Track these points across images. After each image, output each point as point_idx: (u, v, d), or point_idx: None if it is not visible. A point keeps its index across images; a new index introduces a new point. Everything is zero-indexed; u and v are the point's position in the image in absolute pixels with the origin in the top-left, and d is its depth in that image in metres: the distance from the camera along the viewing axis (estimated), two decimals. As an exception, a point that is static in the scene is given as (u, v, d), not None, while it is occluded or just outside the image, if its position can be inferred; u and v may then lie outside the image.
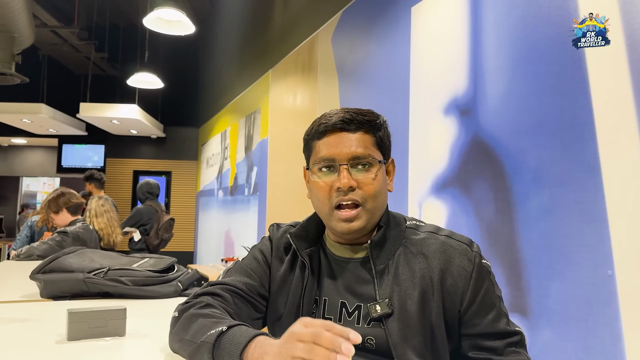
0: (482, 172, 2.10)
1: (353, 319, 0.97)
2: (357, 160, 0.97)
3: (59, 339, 0.99)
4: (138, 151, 9.05)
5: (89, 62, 7.76)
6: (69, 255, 1.60)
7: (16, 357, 0.89)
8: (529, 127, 1.86)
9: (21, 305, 1.41)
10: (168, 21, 4.18)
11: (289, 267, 1.05)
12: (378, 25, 2.92)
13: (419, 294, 0.94)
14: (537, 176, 1.82)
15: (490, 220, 2.03)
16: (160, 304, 1.44)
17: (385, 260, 0.98)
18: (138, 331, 1.07)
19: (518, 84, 1.93)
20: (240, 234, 5.54)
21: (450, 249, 0.97)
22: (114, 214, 3.63)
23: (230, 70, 6.57)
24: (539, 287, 1.76)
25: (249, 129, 5.41)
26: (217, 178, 6.98)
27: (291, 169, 4.08)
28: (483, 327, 0.95)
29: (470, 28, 2.19)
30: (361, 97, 3.03)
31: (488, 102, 2.08)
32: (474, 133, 2.16)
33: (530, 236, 1.83)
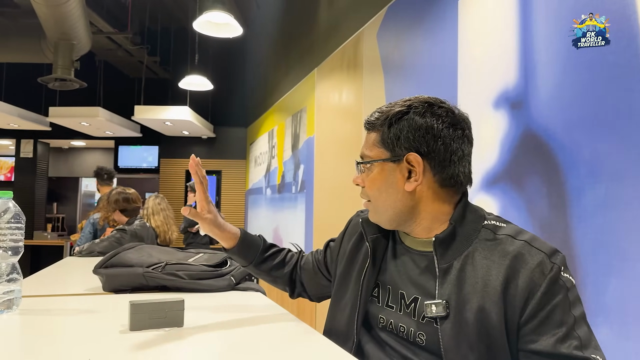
0: (534, 166, 2.05)
1: (410, 311, 0.97)
2: (360, 160, 1.04)
3: (122, 329, 1.05)
4: (190, 151, 9.29)
5: (142, 66, 8.04)
6: (128, 250, 1.69)
7: (85, 344, 0.96)
8: (584, 119, 1.80)
9: (86, 297, 1.50)
10: (217, 24, 4.29)
11: (355, 246, 1.13)
12: (424, 19, 2.90)
13: (478, 303, 0.88)
14: (592, 170, 1.76)
15: (543, 216, 1.98)
16: (214, 297, 1.49)
17: (450, 260, 0.93)
18: (195, 322, 1.12)
19: (571, 75, 1.87)
20: (289, 231, 5.61)
21: (525, 256, 0.89)
22: (169, 212, 3.76)
23: (277, 70, 6.66)
24: (596, 284, 1.70)
25: (295, 128, 5.47)
26: (265, 176, 7.09)
27: (337, 166, 4.10)
28: (541, 346, 0.84)
29: (520, 18, 2.14)
30: (407, 92, 3.01)
31: (540, 95, 2.03)
32: (525, 126, 2.11)
33: (585, 232, 1.77)
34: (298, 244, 4.99)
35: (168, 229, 3.75)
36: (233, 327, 1.12)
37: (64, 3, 4.73)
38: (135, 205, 3.28)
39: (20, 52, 6.37)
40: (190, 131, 8.65)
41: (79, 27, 5.42)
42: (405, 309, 0.98)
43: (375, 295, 1.04)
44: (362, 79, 3.68)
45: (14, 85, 8.33)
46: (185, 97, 7.62)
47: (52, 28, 5.26)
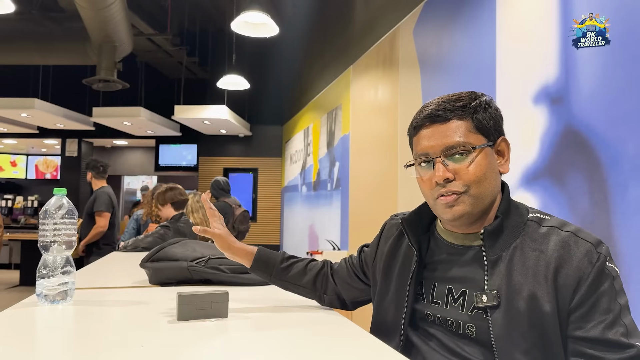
0: (575, 162, 2.02)
1: (458, 305, 0.99)
2: (451, 150, 0.97)
3: (170, 319, 1.10)
4: (227, 149, 9.47)
5: (182, 66, 8.23)
6: (173, 245, 1.75)
7: (137, 333, 1.01)
8: (627, 114, 1.76)
9: (134, 290, 1.56)
10: (254, 24, 4.35)
11: (393, 249, 1.13)
12: (462, 15, 2.87)
13: (529, 292, 0.91)
14: (636, 166, 1.72)
15: (585, 213, 1.95)
16: (255, 290, 1.54)
17: (499, 252, 0.96)
18: (239, 313, 1.16)
19: (613, 69, 1.83)
20: (324, 228, 5.65)
21: (572, 246, 0.92)
22: (207, 209, 3.85)
23: (312, 69, 6.70)
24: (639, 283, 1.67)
25: (330, 125, 5.50)
26: (300, 174, 7.15)
27: (373, 163, 4.11)
28: (589, 332, 0.87)
29: (560, 11, 2.10)
30: (445, 89, 2.99)
31: (581, 90, 1.99)
32: (566, 122, 2.08)
33: (629, 230, 1.74)
34: (334, 241, 5.02)
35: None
36: (275, 319, 1.15)
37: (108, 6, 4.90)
38: (184, 198, 3.39)
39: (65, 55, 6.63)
40: (228, 130, 8.80)
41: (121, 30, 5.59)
42: (453, 303, 0.99)
43: (419, 293, 1.06)
44: (398, 75, 3.67)
45: (59, 86, 8.66)
46: (223, 97, 7.76)
47: (96, 31, 5.45)
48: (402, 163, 3.48)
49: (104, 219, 4.64)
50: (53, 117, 7.89)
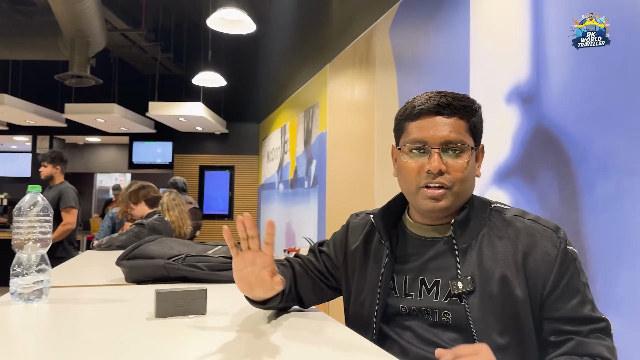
0: (546, 160, 2.08)
1: (432, 294, 1.02)
2: (449, 145, 1.00)
3: (148, 316, 1.10)
4: (203, 147, 9.40)
5: (156, 62, 8.13)
6: (150, 243, 1.74)
7: (115, 330, 1.01)
8: (595, 114, 1.82)
9: (110, 288, 1.55)
10: (230, 21, 4.33)
11: (363, 245, 1.14)
12: (436, 15, 2.92)
13: (501, 275, 0.96)
14: (603, 164, 1.78)
15: (554, 209, 2.00)
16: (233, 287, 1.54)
17: (468, 240, 1.01)
18: (217, 310, 1.17)
19: (583, 70, 1.89)
20: (302, 226, 5.67)
21: (536, 233, 0.98)
22: (184, 207, 3.83)
23: (289, 66, 6.70)
24: (607, 276, 1.73)
25: (307, 123, 5.51)
26: (277, 172, 7.15)
27: (350, 161, 4.14)
28: (566, 312, 0.95)
29: (531, 13, 2.16)
30: (420, 88, 3.04)
31: (552, 90, 2.05)
32: (537, 121, 2.13)
33: (597, 225, 1.80)
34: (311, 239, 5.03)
35: (183, 224, 3.81)
36: (253, 315, 1.17)
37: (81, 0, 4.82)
38: (157, 196, 3.35)
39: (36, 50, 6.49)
40: (204, 127, 8.73)
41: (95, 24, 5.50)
42: (427, 293, 1.03)
43: (391, 287, 1.08)
44: (375, 74, 3.71)
45: (30, 82, 8.47)
46: (199, 94, 7.69)
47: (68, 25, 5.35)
48: (379, 161, 3.51)
49: (72, 215, 4.45)
50: (23, 113, 7.71)
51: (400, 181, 1.08)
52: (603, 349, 0.92)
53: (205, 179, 9.48)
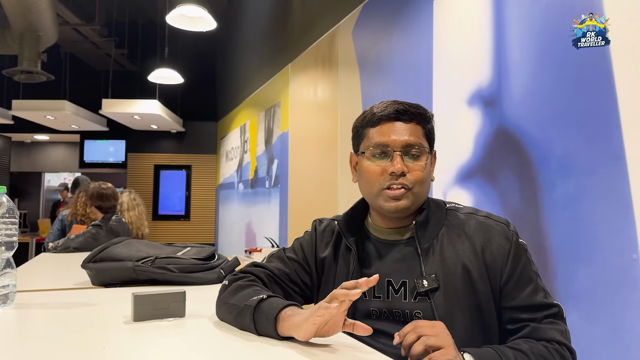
0: (507, 161, 2.15)
1: (400, 295, 1.05)
2: (409, 148, 1.06)
3: (125, 320, 1.08)
4: (158, 146, 9.20)
5: (110, 58, 7.89)
6: (117, 245, 1.70)
7: (95, 335, 0.98)
8: (554, 116, 1.91)
9: (77, 292, 1.51)
10: (190, 18, 4.26)
11: (332, 252, 1.15)
12: (399, 18, 2.97)
13: (462, 270, 1.02)
14: (562, 165, 1.87)
15: (515, 209, 2.08)
16: (209, 289, 1.52)
17: (429, 240, 1.06)
18: (196, 312, 1.15)
19: (542, 74, 1.97)
20: (263, 226, 5.64)
21: (490, 228, 1.05)
22: (142, 208, 3.75)
23: (250, 64, 6.65)
24: (566, 272, 1.81)
25: (269, 123, 5.49)
26: (237, 171, 7.08)
27: (313, 161, 4.15)
28: (521, 300, 1.01)
29: (493, 19, 2.23)
30: (383, 90, 3.08)
31: (512, 93, 2.13)
32: (498, 123, 2.21)
33: (556, 224, 1.88)
34: (272, 239, 5.00)
35: (141, 225, 3.73)
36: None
37: (31, -7, 4.62)
38: (112, 204, 3.24)
39: (-19, 43, 6.17)
40: (159, 125, 8.55)
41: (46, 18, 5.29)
42: (394, 294, 1.06)
43: None
44: (338, 75, 3.73)
45: (-27, 77, 8.05)
46: (154, 91, 7.52)
47: (17, 18, 5.12)
48: (343, 161, 3.54)
49: None
50: (-34, 110, 7.33)
51: (362, 185, 1.12)
52: (557, 333, 0.99)
53: (161, 179, 9.29)
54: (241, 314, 0.99)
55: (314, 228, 1.22)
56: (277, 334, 0.93)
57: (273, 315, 0.93)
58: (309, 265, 1.18)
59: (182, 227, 9.14)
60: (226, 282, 1.12)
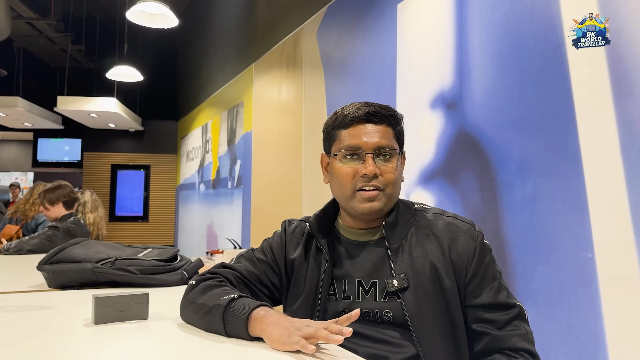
0: (468, 163, 2.20)
1: (370, 296, 1.05)
2: (381, 150, 1.06)
3: (86, 322, 1.04)
4: (116, 145, 8.96)
5: (66, 54, 7.64)
6: (74, 246, 1.64)
7: (54, 339, 0.95)
8: (513, 120, 1.96)
9: (33, 294, 1.45)
10: (151, 14, 4.17)
11: (303, 253, 1.14)
12: (364, 20, 2.99)
13: (430, 269, 1.03)
14: (521, 166, 1.92)
15: (476, 209, 2.13)
16: (171, 291, 1.49)
17: (398, 240, 1.07)
18: (160, 314, 1.12)
19: (502, 79, 2.02)
20: (224, 227, 5.57)
21: (456, 228, 1.07)
22: (102, 208, 3.64)
23: (212, 63, 6.56)
24: (525, 271, 1.86)
25: (231, 122, 5.43)
26: (198, 171, 6.98)
27: (277, 161, 4.13)
28: (484, 299, 1.02)
29: (456, 24, 2.28)
30: (348, 91, 3.10)
31: (474, 96, 2.18)
32: (460, 126, 2.25)
33: (515, 223, 1.93)
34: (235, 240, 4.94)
35: (102, 226, 3.63)
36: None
37: (-18, -16, 4.41)
38: (75, 196, 3.13)
39: None
40: (117, 124, 8.33)
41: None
42: (365, 294, 1.07)
43: (331, 293, 1.11)
44: (302, 76, 3.73)
45: None
46: (113, 89, 7.33)
47: (-34, 10, 4.88)
48: (307, 162, 3.54)
49: None
50: None
51: (334, 187, 1.12)
52: (519, 339, 1.00)
53: (118, 179, 9.06)
54: (209, 313, 0.97)
55: (284, 229, 1.21)
56: (247, 334, 0.92)
57: (245, 315, 0.92)
58: (278, 266, 1.16)
59: (140, 228, 8.93)
60: (193, 282, 1.09)
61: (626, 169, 1.53)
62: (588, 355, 1.61)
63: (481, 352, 1.02)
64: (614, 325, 1.55)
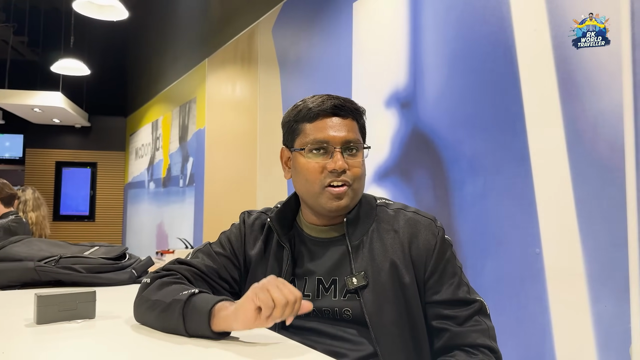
0: (421, 161, 2.24)
1: (330, 293, 1.04)
2: (348, 144, 1.04)
3: (27, 322, 0.99)
4: (61, 141, 8.60)
5: (7, 46, 7.26)
6: (15, 244, 1.55)
7: (-12, 340, 0.89)
8: (465, 119, 2.01)
9: (-32, 295, 1.36)
10: (99, 6, 4.03)
11: (262, 248, 1.11)
12: (320, 19, 2.99)
13: (390, 265, 1.01)
14: (472, 165, 1.97)
15: (428, 206, 2.17)
16: (120, 290, 1.44)
17: (360, 237, 1.05)
18: (107, 313, 1.08)
19: (455, 79, 2.07)
20: (175, 226, 5.44)
21: (417, 223, 1.05)
22: (45, 207, 3.48)
23: (164, 58, 6.40)
24: (475, 266, 1.91)
25: (183, 119, 5.32)
26: (147, 169, 6.79)
27: (231, 159, 4.07)
28: (444, 295, 1.01)
29: (410, 25, 2.31)
30: (303, 89, 3.09)
31: (427, 96, 2.22)
32: (413, 125, 2.29)
33: (466, 220, 1.98)
34: (186, 239, 4.83)
35: (45, 225, 3.47)
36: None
37: None
38: (13, 193, 2.97)
39: None
40: (62, 119, 8.00)
41: None
42: (325, 292, 1.05)
43: None
44: (258, 73, 3.69)
45: None
46: (58, 82, 7.02)
47: None
48: (262, 160, 3.51)
49: None
50: None
51: (299, 183, 1.08)
52: (479, 335, 0.99)
53: (63, 177, 8.69)
54: (167, 310, 0.92)
55: (243, 221, 1.16)
56: (210, 331, 0.87)
57: (207, 309, 0.87)
58: (237, 259, 1.12)
59: (86, 228, 8.60)
60: (147, 279, 1.04)
61: (572, 167, 1.59)
62: (536, 347, 1.66)
63: (441, 349, 1.01)
64: (560, 318, 1.61)
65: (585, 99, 1.56)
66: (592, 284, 1.52)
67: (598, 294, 1.51)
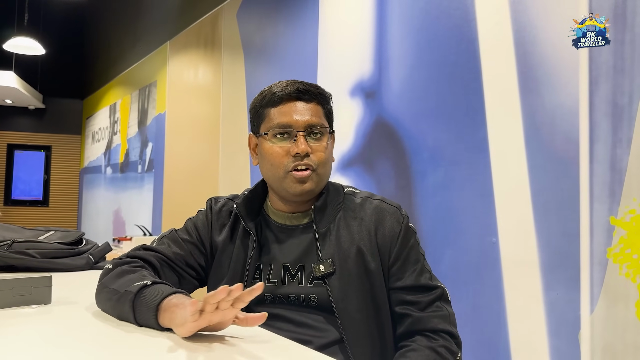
0: (384, 151, 2.26)
1: (296, 280, 1.04)
2: (312, 128, 1.04)
3: (-23, 309, 0.95)
4: (13, 123, 8.25)
5: (-46, 20, 6.89)
6: (-36, 228, 1.49)
7: None
8: (428, 110, 2.04)
9: None
10: (56, -18, 3.87)
11: (229, 234, 1.10)
12: (286, 5, 2.96)
13: (356, 253, 1.03)
14: (434, 155, 2.00)
15: (391, 195, 2.20)
16: (75, 276, 1.40)
17: (327, 224, 1.06)
18: (64, 299, 1.05)
19: (419, 70, 2.09)
20: (133, 213, 5.33)
21: (383, 211, 1.07)
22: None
23: (123, 39, 6.21)
24: (434, 254, 1.95)
25: (143, 103, 5.19)
26: (104, 154, 6.61)
27: (192, 145, 4.01)
28: (407, 281, 1.03)
29: (376, 15, 2.32)
30: (268, 76, 3.06)
31: (391, 87, 2.24)
32: (377, 115, 2.31)
33: (427, 209, 2.02)
34: (144, 226, 4.75)
35: None
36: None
37: None
38: None
39: None
40: (15, 100, 7.67)
41: None
42: (291, 279, 1.05)
43: (257, 277, 1.08)
44: (221, 57, 3.63)
45: None
46: (11, 61, 6.72)
47: None
48: (225, 146, 3.46)
49: None
50: None
51: (264, 168, 1.08)
52: (440, 321, 1.00)
53: (15, 160, 8.36)
54: (120, 300, 0.90)
55: (209, 207, 1.15)
56: (157, 325, 0.85)
57: (155, 304, 0.85)
58: (204, 246, 1.11)
59: (39, 213, 8.31)
60: (110, 265, 1.02)
61: (529, 160, 1.65)
62: (491, 334, 1.72)
63: (403, 334, 1.03)
64: (514, 306, 1.67)
65: (544, 94, 1.61)
66: (545, 273, 1.58)
67: (550, 282, 1.57)
